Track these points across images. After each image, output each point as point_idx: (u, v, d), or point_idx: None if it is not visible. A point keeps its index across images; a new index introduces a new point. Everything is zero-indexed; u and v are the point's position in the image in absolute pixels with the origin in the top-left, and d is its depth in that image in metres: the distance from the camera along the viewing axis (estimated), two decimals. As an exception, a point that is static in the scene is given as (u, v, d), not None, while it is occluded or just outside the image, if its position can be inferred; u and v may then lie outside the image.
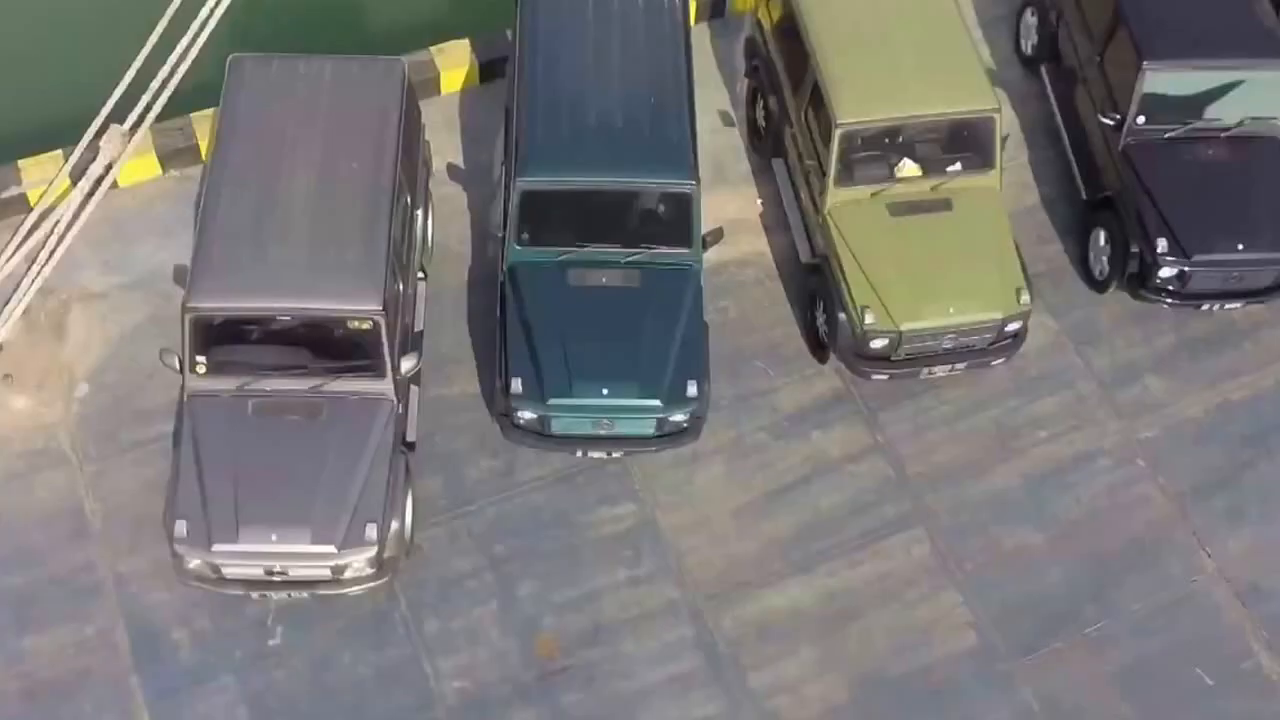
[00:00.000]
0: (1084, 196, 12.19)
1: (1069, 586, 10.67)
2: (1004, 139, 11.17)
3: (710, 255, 11.84)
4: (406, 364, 9.92)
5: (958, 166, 11.07)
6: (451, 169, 12.28)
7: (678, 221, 10.51)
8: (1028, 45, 13.27)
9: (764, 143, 12.30)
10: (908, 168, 11.03)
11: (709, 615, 10.36)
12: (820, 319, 11.20)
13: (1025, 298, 10.81)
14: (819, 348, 11.37)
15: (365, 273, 9.72)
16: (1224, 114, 11.56)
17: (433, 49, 12.71)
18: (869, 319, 10.61)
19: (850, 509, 10.89)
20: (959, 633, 10.43)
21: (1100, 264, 11.90)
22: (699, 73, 12.81)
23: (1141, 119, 11.50)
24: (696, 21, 13.36)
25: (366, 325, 9.69)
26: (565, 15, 11.10)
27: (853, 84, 10.85)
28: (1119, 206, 11.63)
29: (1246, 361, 11.88)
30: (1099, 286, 11.97)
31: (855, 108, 10.75)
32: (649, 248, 10.52)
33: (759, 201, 12.35)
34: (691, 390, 10.17)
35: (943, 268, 10.77)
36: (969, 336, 10.83)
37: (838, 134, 10.73)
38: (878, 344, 10.73)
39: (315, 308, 9.66)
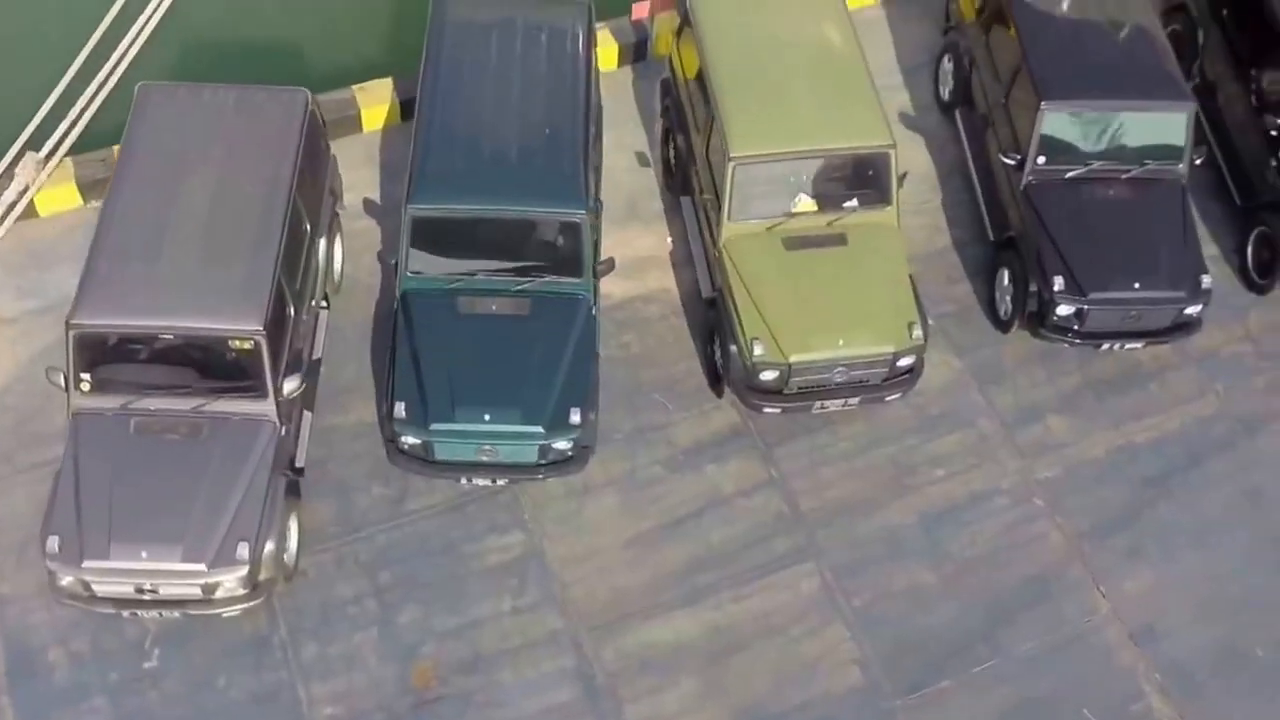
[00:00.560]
0: (991, 237, 12.24)
1: (960, 625, 10.54)
2: (902, 177, 11.24)
3: (617, 291, 12.01)
4: (289, 385, 9.96)
5: (854, 202, 11.13)
6: (368, 203, 12.43)
7: (568, 251, 10.59)
8: (945, 91, 13.41)
9: (675, 181, 12.41)
10: (803, 203, 11.09)
11: (590, 646, 10.27)
12: (717, 353, 11.21)
13: (918, 332, 10.81)
14: (717, 382, 11.37)
15: (248, 293, 9.80)
16: (1124, 155, 11.61)
17: (355, 87, 12.93)
18: (758, 350, 10.62)
19: (741, 543, 10.82)
20: (844, 669, 10.30)
21: (1005, 304, 11.91)
22: (620, 114, 13.16)
23: (1041, 159, 11.56)
24: (620, 65, 13.62)
25: (248, 345, 9.76)
26: (468, 48, 11.28)
27: (747, 119, 10.96)
28: (1020, 246, 11.65)
29: (1152, 403, 11.82)
30: (1003, 326, 11.97)
31: (748, 142, 10.85)
32: (540, 277, 10.59)
33: (669, 240, 12.43)
34: (574, 418, 10.17)
35: (834, 301, 10.79)
36: (860, 370, 10.81)
37: (730, 167, 10.82)
38: (768, 376, 10.73)
39: (196, 326, 9.73)
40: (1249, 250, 12.51)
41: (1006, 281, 11.84)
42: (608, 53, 13.39)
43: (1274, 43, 12.35)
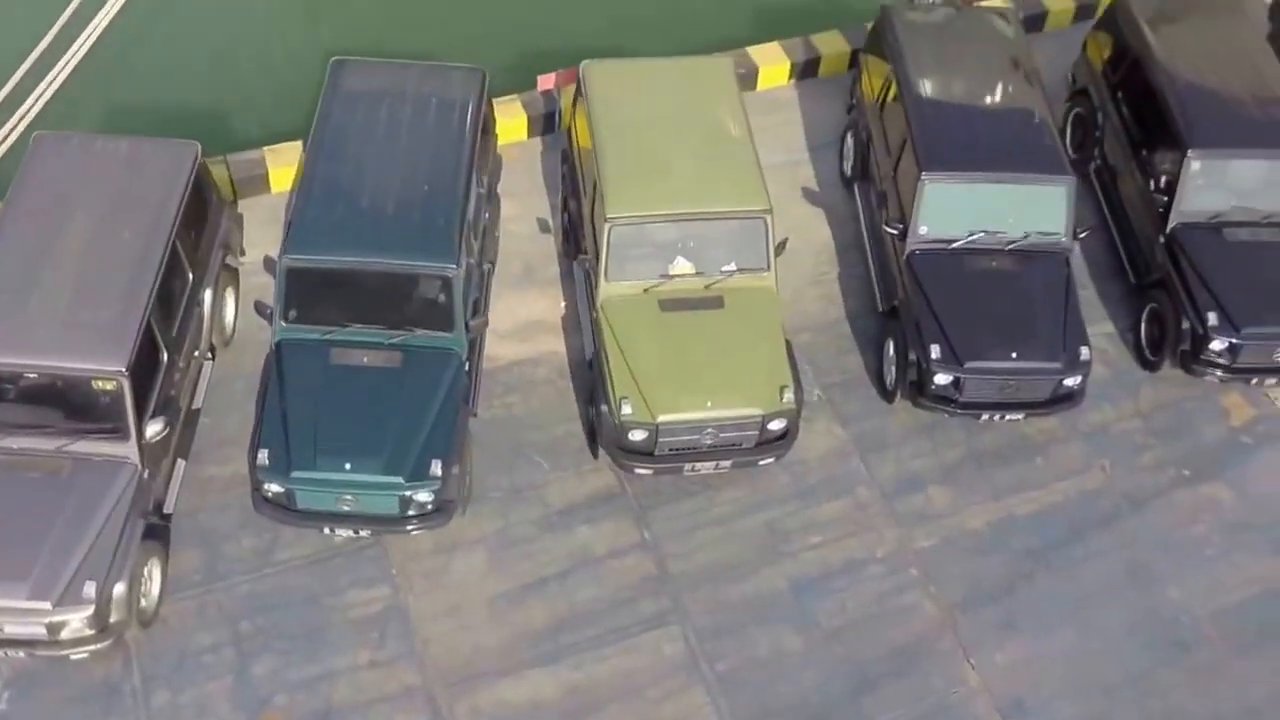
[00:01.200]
0: (880, 308, 12.30)
1: (823, 692, 10.38)
2: (781, 243, 11.35)
3: (506, 353, 12.13)
4: (151, 429, 10.03)
5: (732, 266, 11.23)
6: (268, 261, 12.59)
7: (440, 306, 10.69)
8: (847, 167, 13.59)
9: (569, 246, 12.56)
10: (681, 265, 11.19)
11: (444, 702, 10.15)
12: (592, 413, 11.25)
13: (789, 396, 10.82)
14: (594, 442, 11.38)
15: (113, 335, 9.93)
16: (1006, 226, 11.70)
17: (265, 149, 13.19)
18: (626, 410, 10.65)
19: (607, 603, 10.73)
20: (700, 733, 10.16)
21: (890, 374, 11.92)
22: (526, 183, 13.41)
23: (924, 229, 11.67)
24: (530, 135, 13.87)
25: (110, 386, 9.85)
26: (357, 111, 11.52)
27: (625, 182, 11.14)
28: (903, 316, 11.71)
29: (1036, 476, 11.75)
30: (888, 396, 11.96)
31: (624, 203, 11.01)
32: (411, 330, 10.69)
33: (563, 304, 12.54)
34: (436, 470, 10.18)
35: (706, 363, 10.83)
36: (731, 433, 10.81)
37: (607, 228, 10.97)
38: (637, 436, 10.73)
39: (60, 366, 9.86)
40: (1142, 327, 12.52)
41: (891, 352, 11.87)
42: (518, 123, 13.67)
43: (1162, 125, 12.50)
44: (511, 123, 13.54)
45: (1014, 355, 11.22)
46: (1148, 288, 12.52)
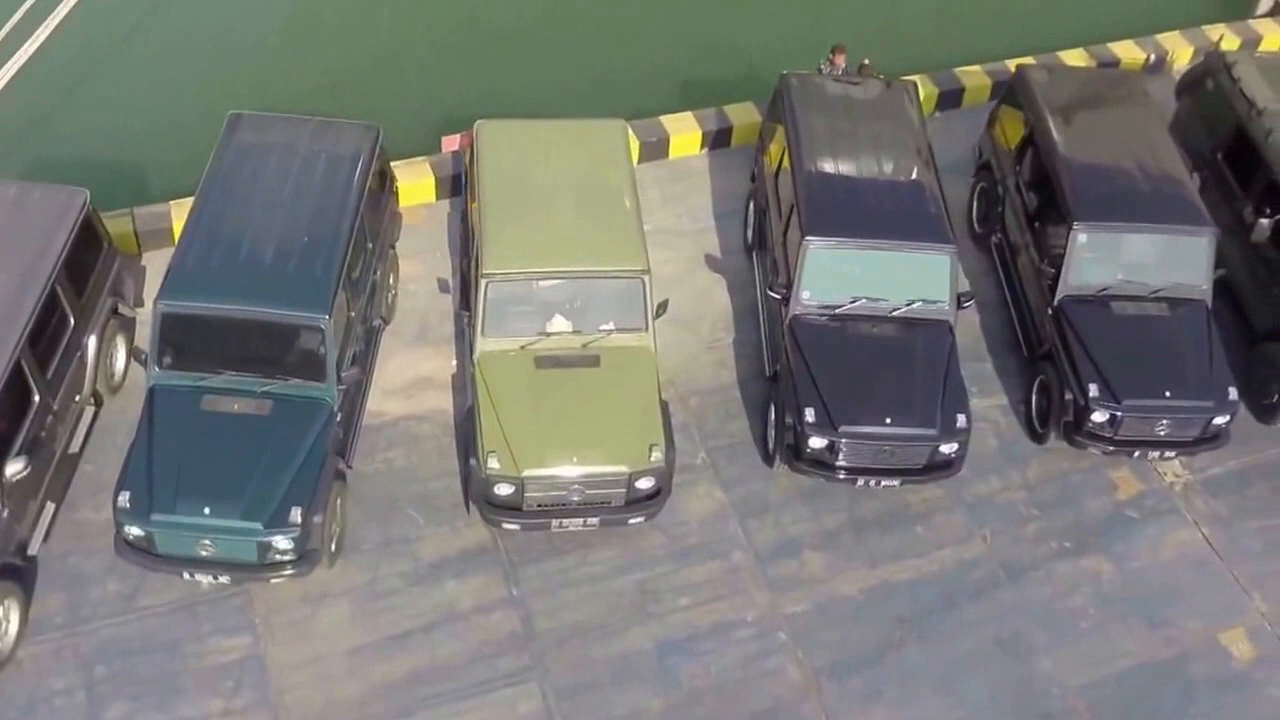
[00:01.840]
0: (767, 373, 12.34)
1: (678, 754, 10.27)
2: (661, 305, 11.45)
3: (392, 408, 12.16)
4: (10, 469, 10.06)
5: (610, 325, 11.30)
6: None
7: (311, 356, 10.77)
8: (749, 235, 13.71)
9: (462, 303, 12.66)
10: (559, 324, 11.27)
11: (293, 752, 10.07)
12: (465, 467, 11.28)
13: (657, 455, 10.81)
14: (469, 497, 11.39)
15: None
16: (888, 294, 11.77)
17: (171, 202, 13.38)
18: (492, 463, 10.66)
19: (468, 658, 10.65)
20: (549, 792, 10.03)
21: (771, 437, 11.92)
22: (431, 243, 13.52)
23: (806, 294, 11.74)
24: (438, 197, 14.04)
25: None
26: (247, 164, 11.70)
27: (505, 238, 11.28)
28: (783, 379, 11.74)
29: (916, 544, 11.69)
30: (769, 461, 11.95)
31: (502, 260, 11.13)
32: (283, 379, 10.76)
33: (454, 363, 12.61)
34: (295, 517, 10.18)
35: (576, 420, 10.86)
36: (598, 490, 10.80)
37: (484, 284, 11.09)
38: (503, 490, 10.74)
39: (-78, 403, 9.96)
40: (1032, 400, 12.52)
41: (774, 416, 11.88)
42: (425, 185, 13.87)
43: (1052, 199, 12.61)
44: (419, 184, 13.75)
45: (888, 420, 11.21)
46: (1038, 360, 12.54)
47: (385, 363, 12.40)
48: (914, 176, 12.43)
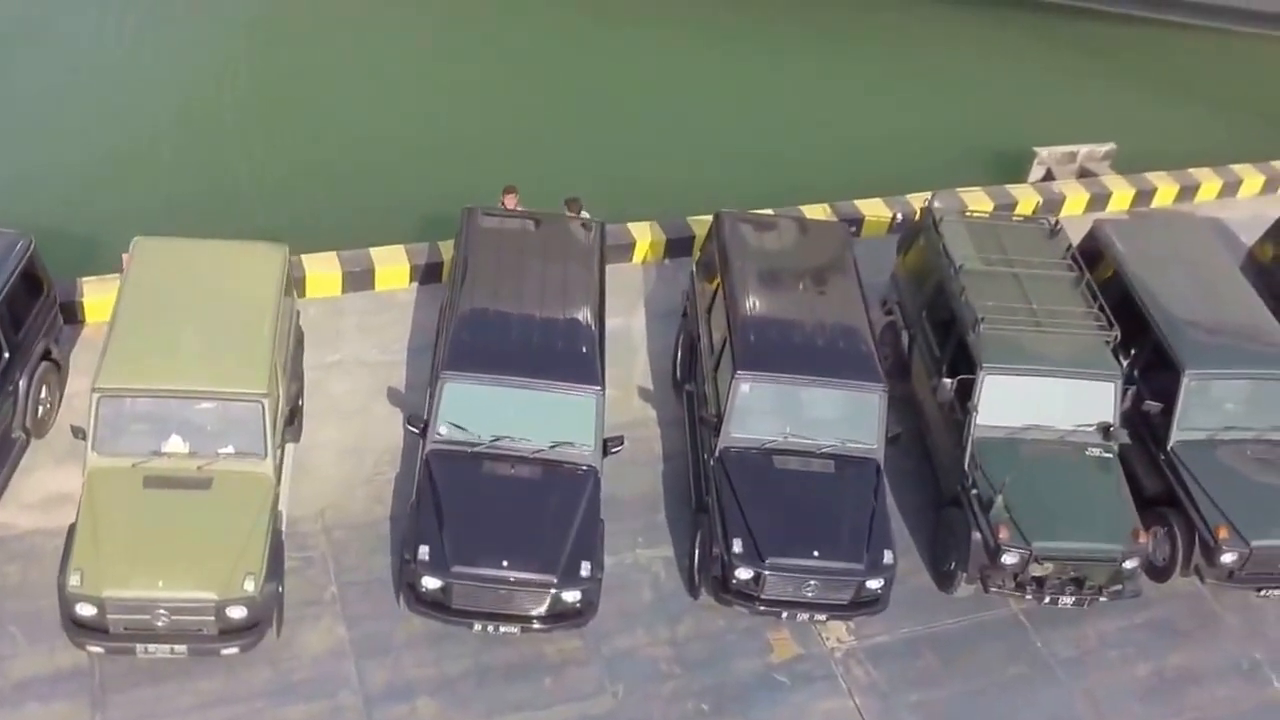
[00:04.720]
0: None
1: None
2: (284, 431, 11.18)
3: (21, 522, 12.15)
4: None
5: (230, 449, 11.01)
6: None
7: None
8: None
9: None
10: (174, 444, 10.98)
11: None
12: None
13: (250, 584, 10.40)
14: (69, 617, 10.93)
15: None
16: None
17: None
18: (74, 581, 10.26)
19: (18, 790, 10.12)
20: None
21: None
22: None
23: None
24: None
25: None
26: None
27: (124, 354, 11.07)
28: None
29: (540, 697, 11.21)
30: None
31: (116, 376, 10.90)
32: None
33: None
34: None
35: (171, 542, 10.50)
36: (185, 616, 10.37)
37: (95, 399, 10.83)
38: (84, 611, 10.31)
39: None
40: (696, 553, 12.13)
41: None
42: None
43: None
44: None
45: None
46: (698, 512, 12.23)
47: (27, 478, 12.09)
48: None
